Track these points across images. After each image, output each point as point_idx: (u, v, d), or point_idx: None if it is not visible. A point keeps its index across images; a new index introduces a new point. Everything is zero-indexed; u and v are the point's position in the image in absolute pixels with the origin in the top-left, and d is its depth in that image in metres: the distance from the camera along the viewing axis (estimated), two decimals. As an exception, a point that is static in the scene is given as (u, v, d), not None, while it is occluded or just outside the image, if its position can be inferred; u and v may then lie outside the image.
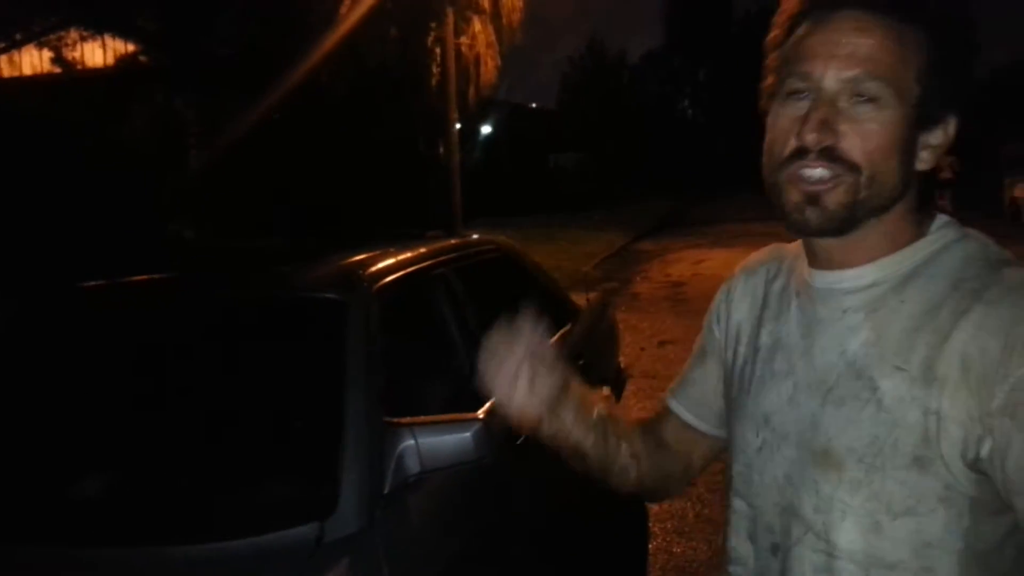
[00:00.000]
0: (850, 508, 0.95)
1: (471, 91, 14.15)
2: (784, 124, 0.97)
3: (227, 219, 11.06)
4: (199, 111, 11.43)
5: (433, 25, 12.60)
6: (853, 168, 0.93)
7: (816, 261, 1.03)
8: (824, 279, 1.02)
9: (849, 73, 0.92)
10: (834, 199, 0.94)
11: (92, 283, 2.62)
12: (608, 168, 31.91)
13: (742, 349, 1.13)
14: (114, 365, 2.35)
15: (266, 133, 10.84)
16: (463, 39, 13.58)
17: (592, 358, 3.74)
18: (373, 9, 11.04)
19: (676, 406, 1.24)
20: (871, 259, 0.99)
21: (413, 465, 1.85)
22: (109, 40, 13.39)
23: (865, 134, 0.93)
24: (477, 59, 14.13)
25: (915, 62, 0.93)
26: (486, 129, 24.81)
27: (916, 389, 0.91)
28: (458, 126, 12.13)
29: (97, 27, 12.02)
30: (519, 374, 1.06)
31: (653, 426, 1.25)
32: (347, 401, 1.90)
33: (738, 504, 1.09)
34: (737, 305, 1.17)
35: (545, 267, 4.41)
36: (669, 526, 4.06)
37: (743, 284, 1.17)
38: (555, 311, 3.80)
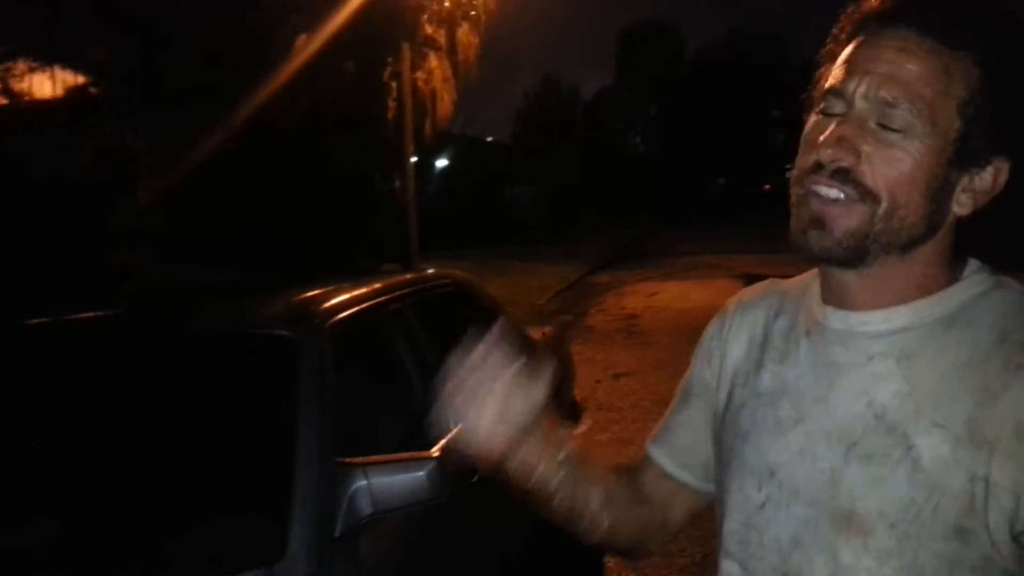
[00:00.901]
0: None
1: (427, 125, 14.21)
2: (811, 137, 0.89)
3: (178, 252, 10.88)
4: (149, 143, 11.28)
5: (390, 60, 12.66)
6: (869, 196, 0.85)
7: (833, 299, 0.93)
8: (844, 320, 0.91)
9: (882, 93, 0.84)
10: (842, 226, 0.85)
11: (36, 320, 2.55)
12: (562, 201, 32.23)
13: (738, 392, 1.01)
14: (58, 404, 2.28)
15: (219, 166, 10.74)
16: (419, 74, 13.66)
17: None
18: (330, 43, 11.06)
19: (657, 455, 1.10)
20: (900, 301, 0.89)
21: (366, 506, 1.82)
22: (59, 71, 13.19)
23: (889, 161, 0.84)
24: (433, 94, 14.23)
25: (959, 93, 0.84)
26: (442, 162, 24.91)
27: (960, 451, 0.82)
28: (414, 159, 12.15)
29: (46, 58, 11.84)
30: (489, 396, 0.94)
31: (631, 475, 1.11)
32: (298, 441, 1.86)
33: (729, 567, 0.97)
34: (733, 343, 1.04)
35: (501, 301, 4.41)
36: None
37: (739, 320, 1.05)
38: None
